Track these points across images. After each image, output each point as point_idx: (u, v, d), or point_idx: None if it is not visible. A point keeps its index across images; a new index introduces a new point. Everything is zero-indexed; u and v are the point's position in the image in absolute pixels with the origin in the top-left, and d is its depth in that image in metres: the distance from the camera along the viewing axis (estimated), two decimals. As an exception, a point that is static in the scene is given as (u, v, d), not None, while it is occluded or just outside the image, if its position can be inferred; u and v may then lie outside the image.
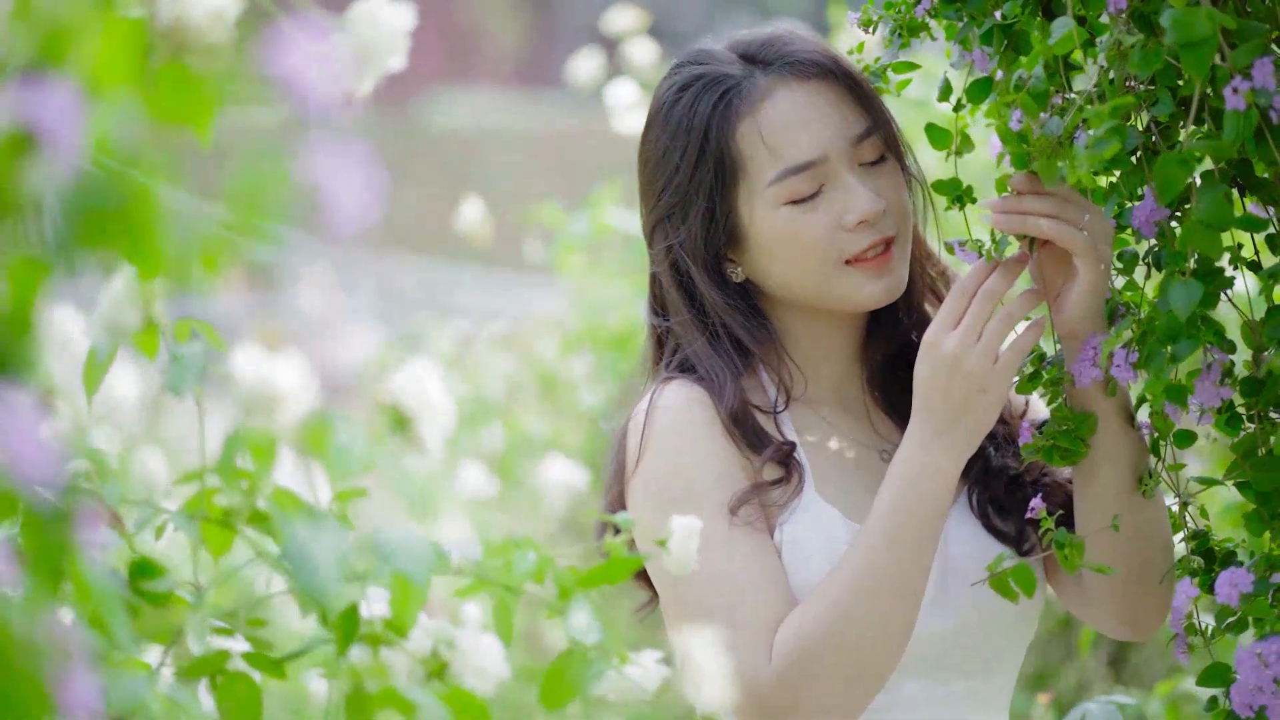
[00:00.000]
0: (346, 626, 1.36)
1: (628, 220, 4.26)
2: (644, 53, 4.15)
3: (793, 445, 2.03)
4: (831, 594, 1.93)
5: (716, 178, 2.03)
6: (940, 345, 1.92)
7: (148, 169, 1.07)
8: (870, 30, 2.02)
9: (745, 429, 2.02)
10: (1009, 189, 1.93)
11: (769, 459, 2.01)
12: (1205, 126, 1.77)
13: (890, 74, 2.05)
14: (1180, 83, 1.79)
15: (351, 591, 1.36)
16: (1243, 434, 1.85)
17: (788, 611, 1.95)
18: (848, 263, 2.02)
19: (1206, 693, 2.40)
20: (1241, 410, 1.84)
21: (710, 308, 2.06)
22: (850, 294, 2.03)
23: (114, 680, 1.21)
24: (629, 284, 4.31)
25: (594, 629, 1.32)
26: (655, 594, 2.10)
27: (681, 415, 2.01)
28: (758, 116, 2.02)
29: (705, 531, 1.72)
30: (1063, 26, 1.84)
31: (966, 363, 1.91)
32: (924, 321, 2.12)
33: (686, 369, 2.07)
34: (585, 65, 4.32)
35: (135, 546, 1.39)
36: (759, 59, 2.05)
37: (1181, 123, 1.77)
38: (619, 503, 2.05)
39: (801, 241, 2.01)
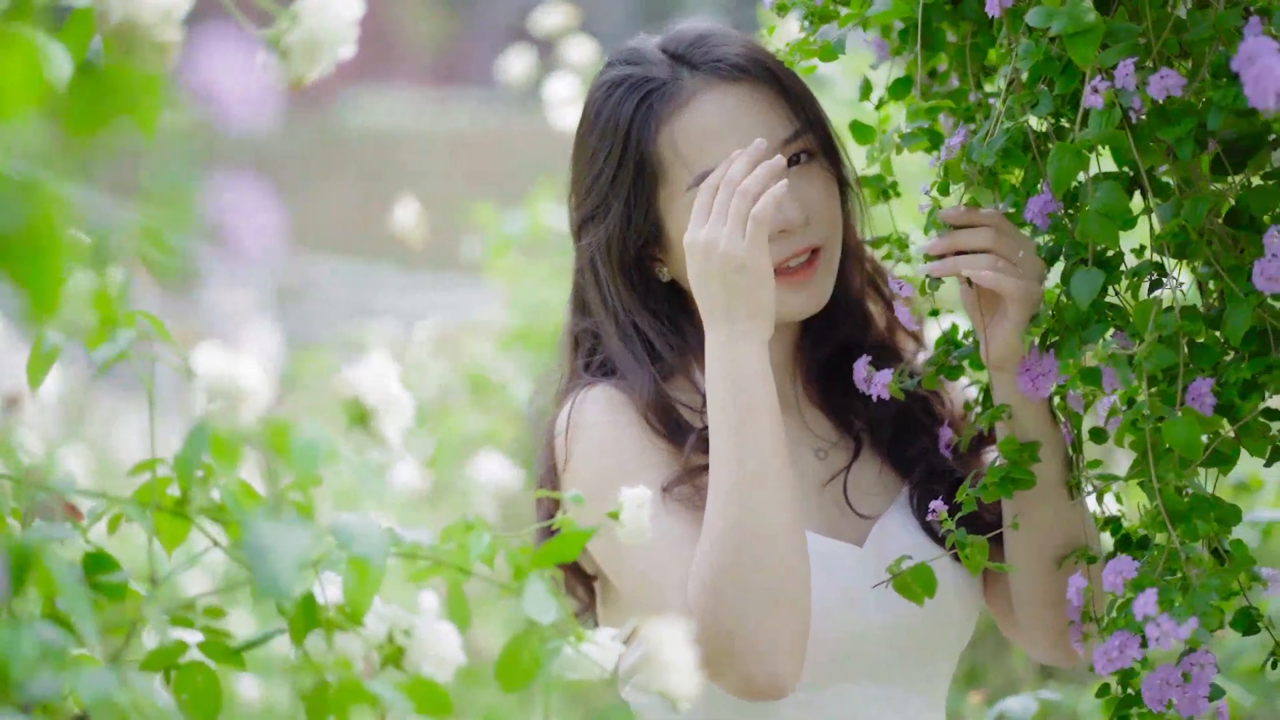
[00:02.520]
0: (303, 615, 1.37)
1: (562, 219, 4.26)
2: (576, 52, 4.15)
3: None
4: (710, 521, 1.91)
5: (637, 181, 2.04)
6: (695, 240, 1.94)
7: (49, 194, 1.07)
8: (782, 15, 2.03)
9: (665, 420, 2.02)
10: (939, 223, 1.93)
11: (695, 446, 2.01)
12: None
13: (798, 59, 2.04)
14: (1059, 81, 1.81)
15: (305, 579, 1.37)
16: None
17: None
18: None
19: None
20: (1146, 411, 1.87)
21: (623, 309, 2.07)
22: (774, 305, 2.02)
23: (80, 675, 1.21)
24: (562, 284, 4.31)
25: (550, 607, 1.33)
26: (589, 600, 2.12)
27: (604, 417, 2.02)
28: (679, 122, 2.02)
29: None
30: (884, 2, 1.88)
31: (719, 246, 1.92)
32: (864, 320, 2.13)
33: (608, 369, 2.07)
34: (515, 64, 4.31)
35: (89, 539, 1.39)
36: (686, 59, 2.05)
37: (1068, 119, 1.81)
38: (553, 507, 2.05)
39: None
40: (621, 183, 2.04)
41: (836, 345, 2.12)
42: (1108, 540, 1.99)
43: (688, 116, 2.02)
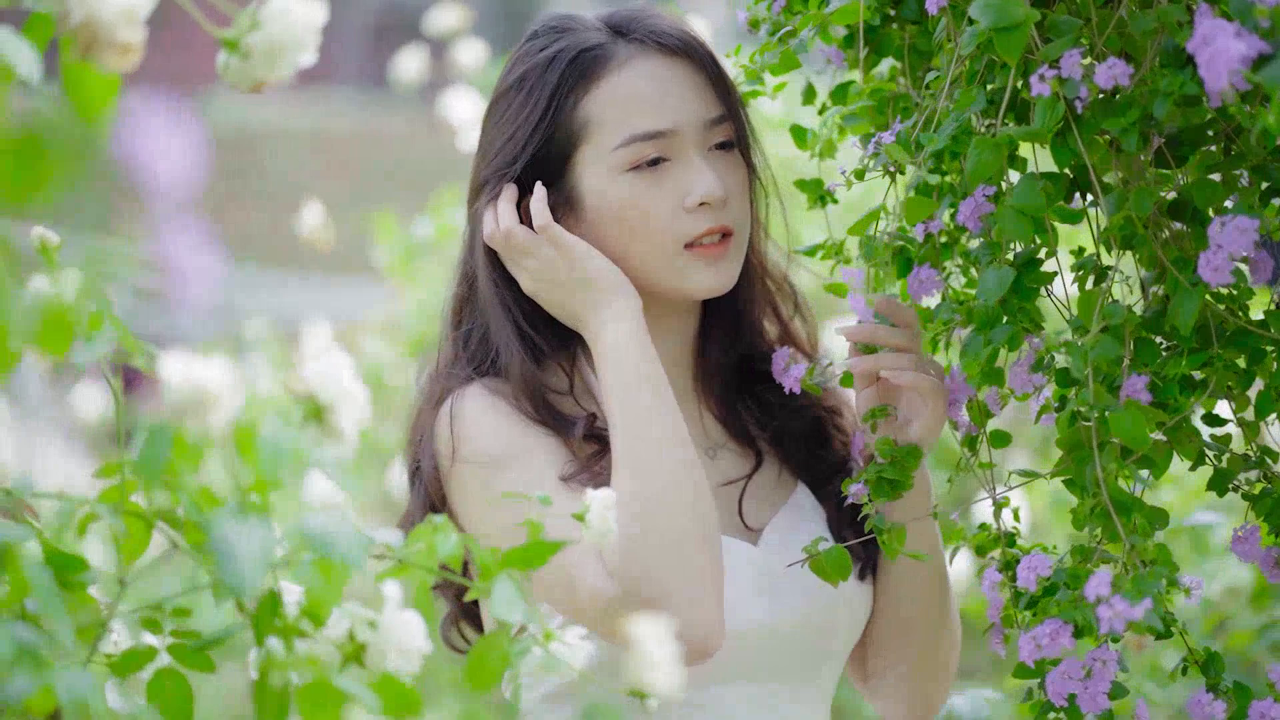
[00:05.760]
0: (266, 614, 1.37)
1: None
2: (466, 53, 4.15)
3: (594, 416, 2.04)
4: (619, 487, 1.93)
5: (551, 141, 2.04)
6: (526, 285, 2.03)
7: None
8: (755, 30, 2.05)
9: (537, 405, 2.03)
10: (872, 306, 1.99)
11: (580, 435, 2.02)
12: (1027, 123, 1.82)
13: (767, 75, 2.06)
14: (994, 79, 1.83)
15: (267, 578, 1.37)
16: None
17: None
18: (685, 247, 2.03)
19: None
20: (1091, 401, 1.91)
21: (504, 275, 2.07)
22: (681, 280, 2.04)
23: (58, 676, 1.20)
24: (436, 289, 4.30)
25: (518, 607, 1.34)
26: (458, 605, 2.12)
27: (483, 419, 2.02)
28: (612, 82, 2.03)
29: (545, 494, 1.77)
30: None
31: (535, 263, 2.01)
32: (760, 336, 2.15)
33: (483, 336, 2.08)
34: (408, 64, 4.31)
35: (48, 540, 1.38)
36: (623, 29, 2.06)
37: (998, 114, 1.82)
38: (439, 498, 2.05)
39: (642, 213, 2.02)
40: (533, 141, 2.04)
41: (736, 354, 2.14)
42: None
43: (621, 79, 2.03)
